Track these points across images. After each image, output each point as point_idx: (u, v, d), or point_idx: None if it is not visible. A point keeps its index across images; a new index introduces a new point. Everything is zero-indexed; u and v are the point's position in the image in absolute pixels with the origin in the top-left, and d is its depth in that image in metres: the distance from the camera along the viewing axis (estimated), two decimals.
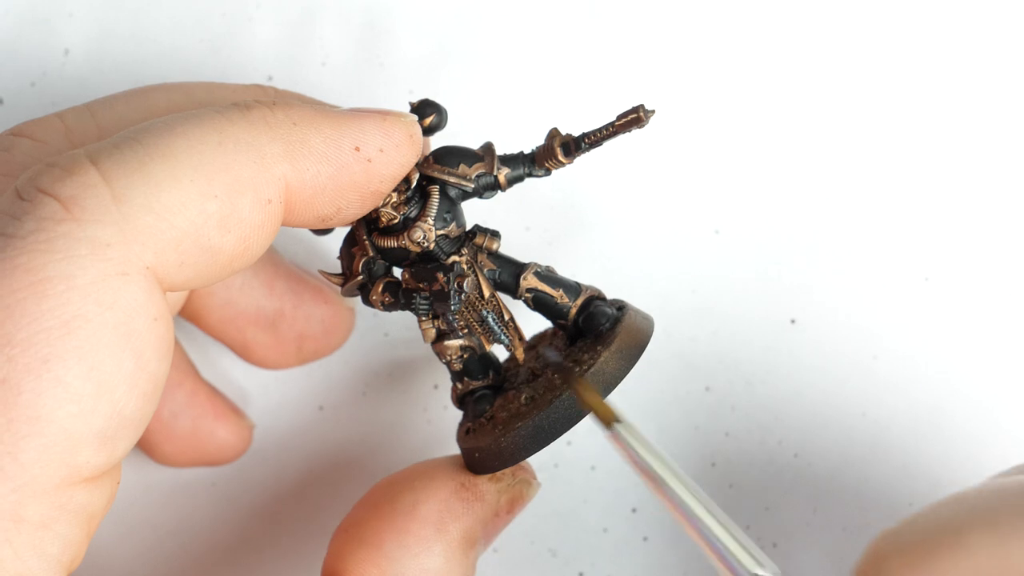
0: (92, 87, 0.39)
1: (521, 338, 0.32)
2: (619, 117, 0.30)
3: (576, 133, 0.30)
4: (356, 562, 0.29)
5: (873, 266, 0.37)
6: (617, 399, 0.30)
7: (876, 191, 0.37)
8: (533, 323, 0.33)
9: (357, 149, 0.28)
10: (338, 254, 0.31)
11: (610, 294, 0.38)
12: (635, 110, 0.29)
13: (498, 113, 0.38)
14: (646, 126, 0.29)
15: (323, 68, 0.39)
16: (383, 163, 0.28)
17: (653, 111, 0.29)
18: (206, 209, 0.25)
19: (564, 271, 0.38)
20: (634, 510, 0.37)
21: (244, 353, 0.36)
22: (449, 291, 0.29)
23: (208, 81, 0.32)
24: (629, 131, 0.30)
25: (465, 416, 0.33)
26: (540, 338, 0.34)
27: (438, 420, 0.37)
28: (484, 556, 0.37)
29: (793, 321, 0.37)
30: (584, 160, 0.36)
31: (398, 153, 0.28)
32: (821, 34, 0.38)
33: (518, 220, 0.35)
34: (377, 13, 0.39)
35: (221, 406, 0.36)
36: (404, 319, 0.38)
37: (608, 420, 0.29)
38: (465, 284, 0.30)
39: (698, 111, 0.38)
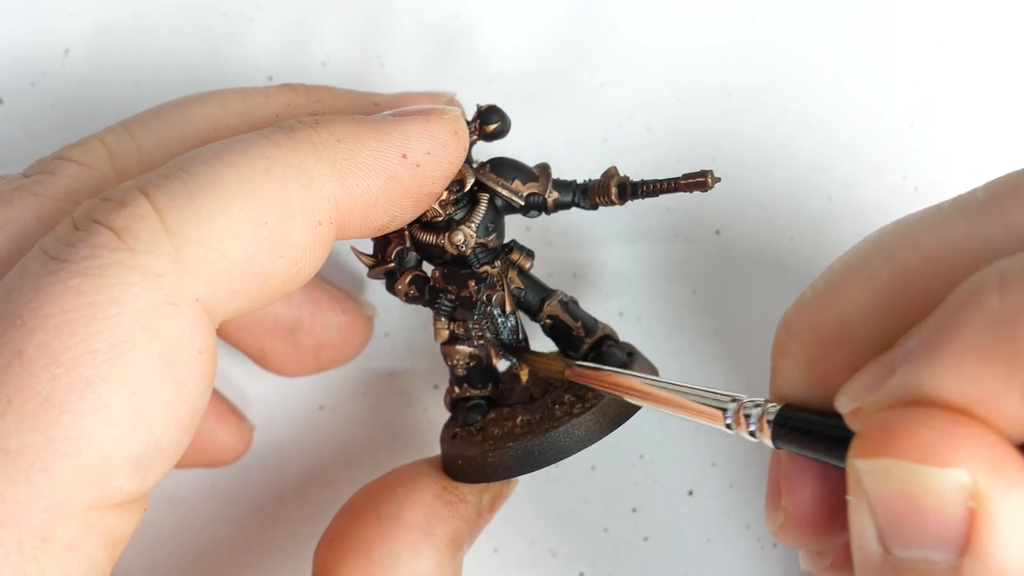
0: (92, 87, 0.39)
1: None
2: (685, 177, 0.30)
3: (634, 178, 0.31)
4: (347, 573, 0.29)
5: None
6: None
7: (876, 191, 0.37)
8: (540, 345, 0.33)
9: (404, 156, 0.28)
10: None
11: (611, 294, 0.38)
12: (703, 174, 0.30)
13: None
14: (708, 191, 0.30)
15: (323, 68, 0.39)
16: (432, 165, 0.28)
17: (719, 179, 0.30)
18: (257, 236, 0.25)
19: (564, 273, 0.38)
20: (634, 510, 0.37)
21: (262, 361, 0.36)
22: (476, 301, 0.30)
23: (240, 87, 0.32)
24: (690, 192, 0.30)
25: (454, 420, 0.33)
26: None
27: (438, 420, 0.37)
28: (484, 556, 0.37)
29: None
30: (584, 160, 0.36)
31: (445, 152, 0.28)
32: (820, 34, 0.38)
33: (520, 220, 0.35)
34: (377, 13, 0.39)
35: (221, 408, 0.36)
36: (404, 320, 0.38)
37: (560, 371, 0.31)
38: (494, 299, 0.30)
39: (698, 111, 0.38)
